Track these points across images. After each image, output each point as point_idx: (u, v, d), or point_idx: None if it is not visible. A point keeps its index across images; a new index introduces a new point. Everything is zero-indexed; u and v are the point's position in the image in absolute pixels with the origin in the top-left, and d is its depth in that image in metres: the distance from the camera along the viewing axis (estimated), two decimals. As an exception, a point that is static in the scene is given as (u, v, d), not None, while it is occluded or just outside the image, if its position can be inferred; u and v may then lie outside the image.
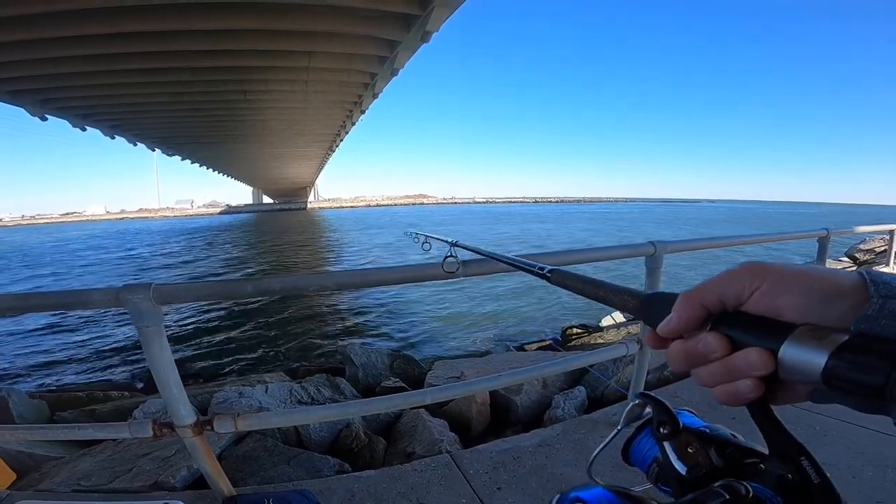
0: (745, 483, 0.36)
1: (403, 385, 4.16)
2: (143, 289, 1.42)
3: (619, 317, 7.44)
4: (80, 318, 10.25)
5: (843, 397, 0.30)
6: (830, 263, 10.83)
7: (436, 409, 3.10)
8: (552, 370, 2.23)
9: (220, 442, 2.33)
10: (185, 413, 1.58)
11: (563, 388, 3.39)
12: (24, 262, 24.99)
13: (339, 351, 5.54)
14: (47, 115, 16.08)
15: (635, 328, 5.29)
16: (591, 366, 3.47)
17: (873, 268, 5.17)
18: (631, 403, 0.46)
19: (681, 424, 0.43)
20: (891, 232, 4.45)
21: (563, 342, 7.04)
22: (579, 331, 7.22)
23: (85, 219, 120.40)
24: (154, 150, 30.83)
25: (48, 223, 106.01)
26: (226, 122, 22.52)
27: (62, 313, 10.13)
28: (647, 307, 0.43)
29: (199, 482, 2.05)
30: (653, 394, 0.45)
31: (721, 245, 2.81)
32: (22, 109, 14.77)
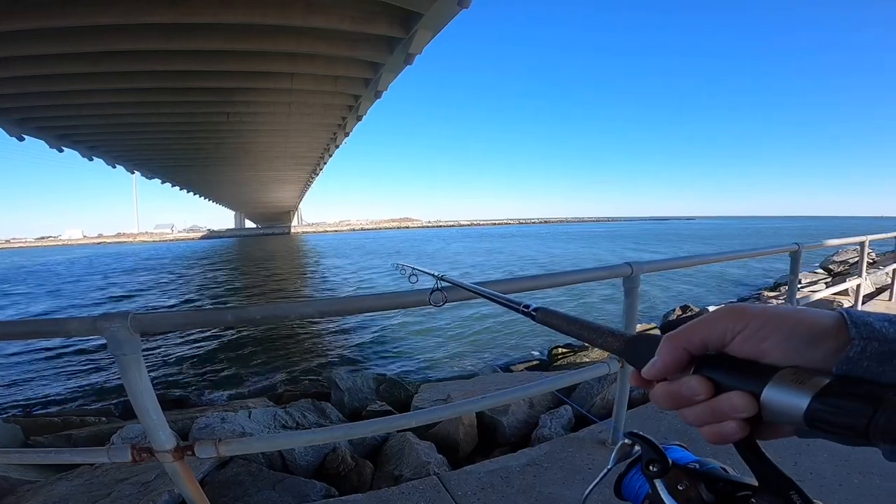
0: None
1: (390, 409, 4.12)
2: (120, 317, 1.40)
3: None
4: (55, 343, 9.92)
5: (827, 436, 0.31)
6: (805, 276, 11.17)
7: (423, 432, 3.06)
8: (538, 390, 2.24)
9: (202, 467, 2.26)
10: (164, 438, 1.55)
11: (549, 408, 3.39)
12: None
13: (325, 376, 5.46)
14: (24, 136, 15.82)
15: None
16: (573, 385, 3.49)
17: (847, 279, 5.32)
18: (620, 442, 0.47)
19: (670, 462, 0.43)
20: (861, 244, 4.57)
21: (550, 362, 7.06)
22: (565, 350, 7.25)
23: (61, 243, 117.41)
24: (133, 173, 30.44)
25: (23, 247, 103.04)
26: (208, 144, 22.40)
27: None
28: (631, 349, 0.43)
29: (180, 508, 1.99)
30: (641, 433, 0.46)
31: (697, 263, 2.87)
32: (-2, 129, 14.53)
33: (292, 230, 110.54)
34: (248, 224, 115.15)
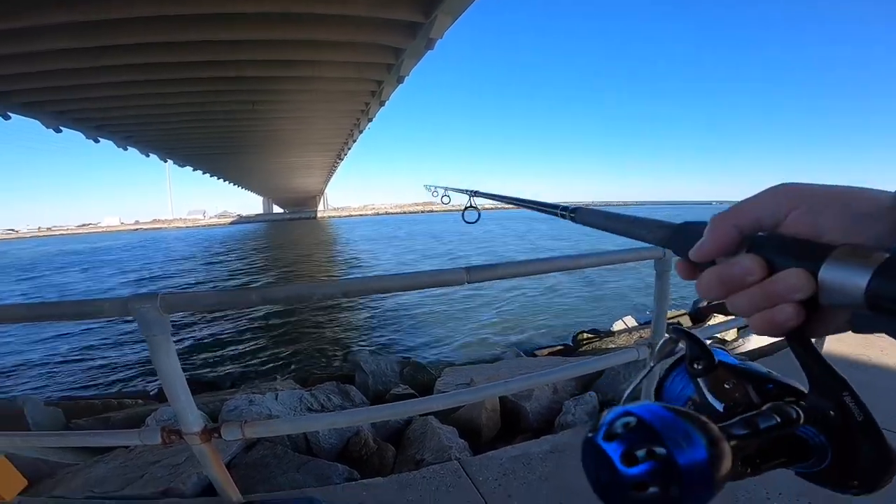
0: (795, 407, 0.34)
1: (413, 392, 4.16)
2: (150, 298, 1.44)
3: (630, 321, 7.36)
4: (96, 325, 10.41)
5: (886, 324, 0.28)
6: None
7: (445, 416, 3.08)
8: (562, 375, 2.21)
9: (229, 449, 2.33)
10: (192, 420, 1.58)
11: (574, 394, 3.36)
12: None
13: (350, 359, 5.56)
14: (62, 127, 16.40)
15: (647, 332, 5.23)
16: (598, 372, 3.44)
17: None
18: (663, 338, 0.44)
19: (716, 359, 0.40)
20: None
21: (575, 347, 6.99)
22: (591, 336, 7.16)
23: (101, 230, 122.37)
24: (166, 161, 31.31)
25: (64, 235, 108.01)
26: (235, 132, 22.81)
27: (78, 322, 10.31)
28: (679, 236, 0.41)
29: (209, 489, 2.05)
30: (686, 328, 0.43)
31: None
32: (36, 121, 15.08)
33: (318, 215, 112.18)
34: (276, 209, 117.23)
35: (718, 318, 5.57)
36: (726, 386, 0.39)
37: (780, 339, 0.35)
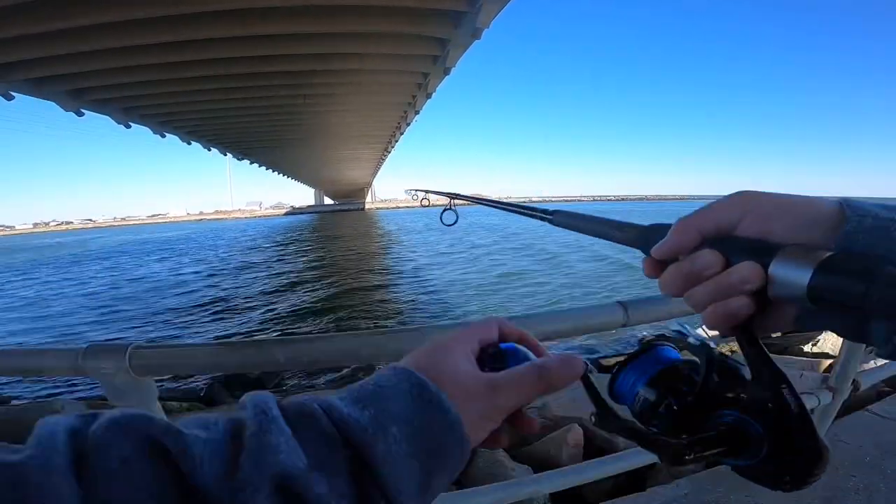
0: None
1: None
2: (114, 352, 0.91)
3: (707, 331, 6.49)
4: (137, 315, 10.60)
5: (826, 320, 0.32)
6: None
7: (516, 450, 2.62)
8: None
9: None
10: None
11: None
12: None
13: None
14: (131, 123, 17.24)
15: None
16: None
17: None
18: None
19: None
20: None
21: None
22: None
23: (169, 220, 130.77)
24: (226, 155, 32.66)
25: (137, 224, 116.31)
26: (286, 125, 23.40)
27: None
28: (647, 236, 0.42)
29: None
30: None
31: None
32: (107, 118, 15.89)
33: (366, 206, 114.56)
34: (327, 200, 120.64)
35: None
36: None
37: None
